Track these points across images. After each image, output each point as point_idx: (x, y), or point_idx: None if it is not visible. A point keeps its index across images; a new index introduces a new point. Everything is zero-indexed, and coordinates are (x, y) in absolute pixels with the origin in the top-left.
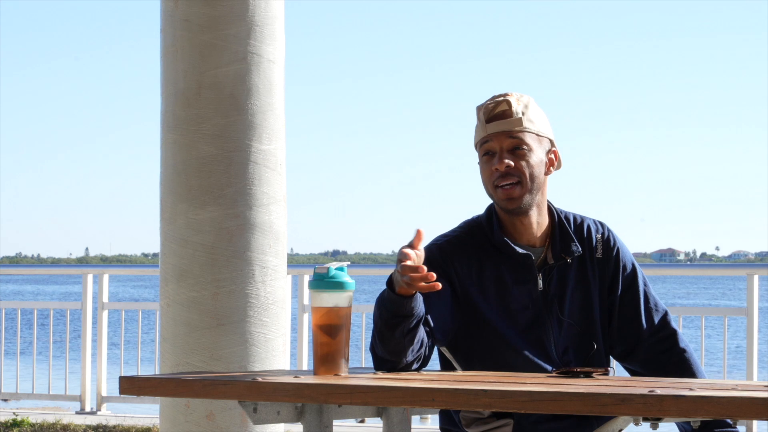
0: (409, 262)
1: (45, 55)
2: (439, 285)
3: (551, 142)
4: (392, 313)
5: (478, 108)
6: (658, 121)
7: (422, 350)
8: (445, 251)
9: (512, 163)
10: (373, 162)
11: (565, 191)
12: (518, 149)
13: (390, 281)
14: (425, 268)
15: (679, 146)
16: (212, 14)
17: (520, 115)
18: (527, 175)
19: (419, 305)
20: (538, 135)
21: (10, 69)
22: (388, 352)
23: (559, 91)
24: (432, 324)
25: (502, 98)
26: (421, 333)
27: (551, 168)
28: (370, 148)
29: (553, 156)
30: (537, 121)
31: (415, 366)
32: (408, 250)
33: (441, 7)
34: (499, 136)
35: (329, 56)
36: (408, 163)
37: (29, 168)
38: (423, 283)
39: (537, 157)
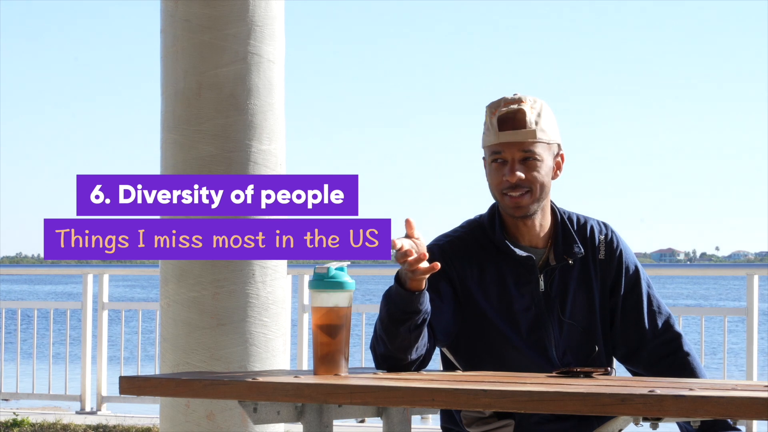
0: (407, 251)
1: (45, 56)
2: (438, 265)
3: (559, 146)
4: (401, 309)
5: (490, 109)
6: (659, 121)
7: (424, 349)
8: (446, 251)
9: (523, 176)
10: (373, 162)
11: (566, 191)
12: (530, 160)
13: (398, 277)
14: (424, 254)
15: (679, 146)
16: (212, 14)
17: (534, 126)
18: (537, 185)
19: (427, 301)
20: (548, 144)
21: (10, 69)
22: (395, 348)
23: (559, 91)
24: (433, 324)
25: (516, 105)
26: (426, 331)
27: (558, 172)
28: (370, 149)
29: (560, 159)
30: (548, 129)
31: (415, 366)
32: (401, 241)
33: (441, 6)
34: (512, 147)
35: (329, 56)
36: (409, 164)
37: (29, 168)
38: (422, 266)
39: (547, 166)
